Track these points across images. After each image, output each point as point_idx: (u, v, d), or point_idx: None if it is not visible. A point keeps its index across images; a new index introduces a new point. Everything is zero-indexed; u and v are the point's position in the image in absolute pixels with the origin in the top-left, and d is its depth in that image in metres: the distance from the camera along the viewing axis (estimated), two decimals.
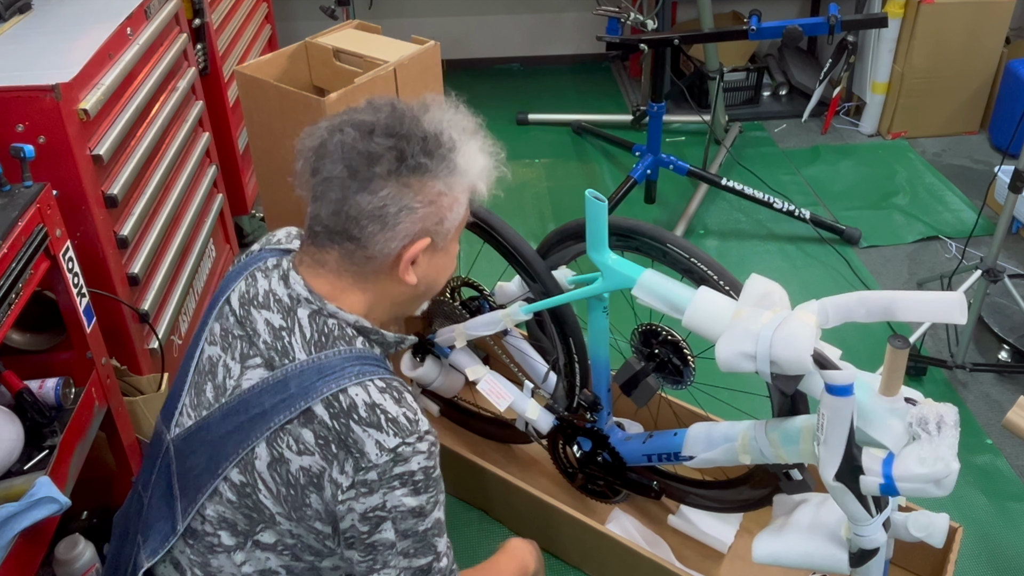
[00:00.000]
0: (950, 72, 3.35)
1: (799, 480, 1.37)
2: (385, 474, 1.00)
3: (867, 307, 1.16)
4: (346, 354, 1.04)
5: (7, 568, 1.22)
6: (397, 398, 1.04)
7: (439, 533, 1.08)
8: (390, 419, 1.01)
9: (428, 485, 1.04)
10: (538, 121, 3.66)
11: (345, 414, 1.00)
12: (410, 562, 1.05)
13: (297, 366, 1.03)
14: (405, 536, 1.03)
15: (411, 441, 1.01)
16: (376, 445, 1.00)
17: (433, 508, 1.06)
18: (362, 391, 1.02)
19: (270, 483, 1.03)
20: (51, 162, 1.48)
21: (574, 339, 1.61)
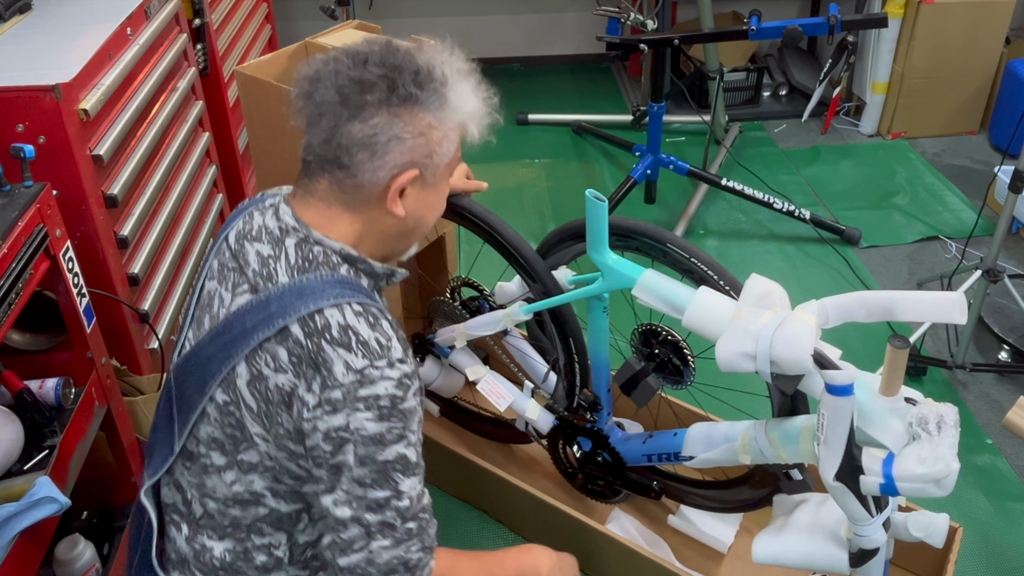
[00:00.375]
0: (950, 72, 3.35)
1: (799, 480, 1.37)
2: (349, 394, 1.01)
3: (867, 307, 1.16)
4: (327, 278, 1.06)
5: (7, 568, 1.22)
6: (372, 323, 1.04)
7: (405, 472, 1.04)
8: (361, 341, 1.02)
9: (393, 415, 1.02)
10: (538, 121, 3.66)
11: (318, 333, 1.02)
12: (365, 492, 1.03)
13: (279, 288, 1.06)
14: (363, 463, 1.02)
15: (380, 365, 1.02)
16: (344, 365, 1.01)
17: (397, 441, 1.03)
18: (338, 313, 1.03)
19: (250, 401, 1.06)
20: (51, 162, 1.48)
21: (574, 339, 1.61)
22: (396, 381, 1.03)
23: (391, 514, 1.04)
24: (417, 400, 1.07)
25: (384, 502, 1.03)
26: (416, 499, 1.07)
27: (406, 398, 1.04)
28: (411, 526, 1.05)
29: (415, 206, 1.12)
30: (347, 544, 1.04)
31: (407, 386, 1.04)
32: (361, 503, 1.03)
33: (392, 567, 1.04)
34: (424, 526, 1.08)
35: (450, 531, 1.84)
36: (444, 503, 1.91)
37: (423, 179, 1.10)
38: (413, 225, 1.15)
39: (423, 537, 1.07)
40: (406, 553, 1.05)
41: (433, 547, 1.10)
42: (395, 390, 1.02)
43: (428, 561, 1.08)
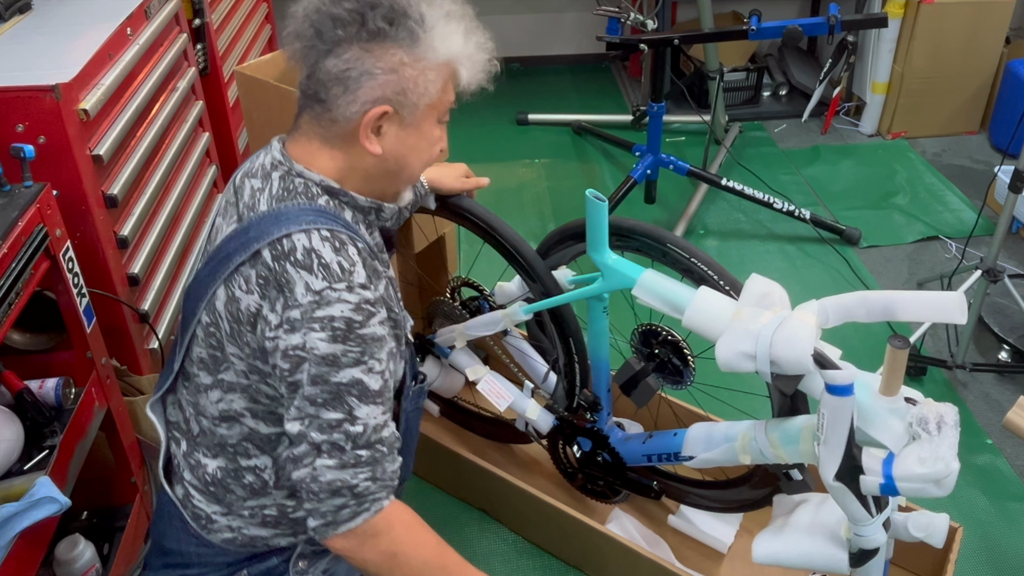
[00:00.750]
0: (950, 72, 3.35)
1: (799, 480, 1.37)
2: (307, 314, 1.02)
3: (867, 307, 1.16)
4: (304, 206, 1.09)
5: (7, 568, 1.22)
6: (337, 247, 1.06)
7: (362, 398, 1.05)
8: (322, 264, 1.04)
9: (349, 338, 1.03)
10: (538, 121, 3.66)
11: (285, 256, 1.05)
12: (318, 411, 1.04)
13: (259, 215, 1.10)
14: (315, 382, 1.03)
15: (338, 287, 1.03)
16: (304, 286, 1.03)
17: (353, 365, 1.04)
18: (305, 237, 1.06)
19: (226, 322, 1.10)
20: (51, 162, 1.48)
21: (574, 339, 1.61)
22: (353, 305, 1.04)
23: (340, 436, 1.04)
24: (384, 329, 1.08)
25: (336, 423, 1.04)
26: (373, 428, 1.06)
27: (366, 324, 1.05)
28: (362, 453, 1.05)
29: (394, 145, 1.12)
30: (297, 459, 1.06)
31: (368, 312, 1.05)
32: (313, 422, 1.04)
33: (335, 489, 1.05)
34: (379, 458, 1.07)
35: (450, 531, 1.84)
36: (444, 503, 1.91)
37: (400, 117, 1.10)
38: (395, 166, 1.14)
39: (376, 469, 1.07)
40: (352, 479, 1.05)
41: (390, 485, 1.09)
42: (352, 313, 1.03)
43: (380, 496, 1.07)
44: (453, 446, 1.83)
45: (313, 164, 1.12)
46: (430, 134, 1.16)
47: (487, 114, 3.69)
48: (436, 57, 1.09)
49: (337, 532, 1.06)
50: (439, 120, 1.16)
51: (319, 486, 1.04)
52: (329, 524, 1.06)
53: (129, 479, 1.70)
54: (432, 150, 1.18)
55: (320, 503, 1.05)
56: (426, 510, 1.52)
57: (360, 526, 1.06)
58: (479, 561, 1.77)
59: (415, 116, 1.11)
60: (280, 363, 1.05)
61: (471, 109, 1.25)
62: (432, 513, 1.84)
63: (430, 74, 1.09)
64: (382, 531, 1.07)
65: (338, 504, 1.05)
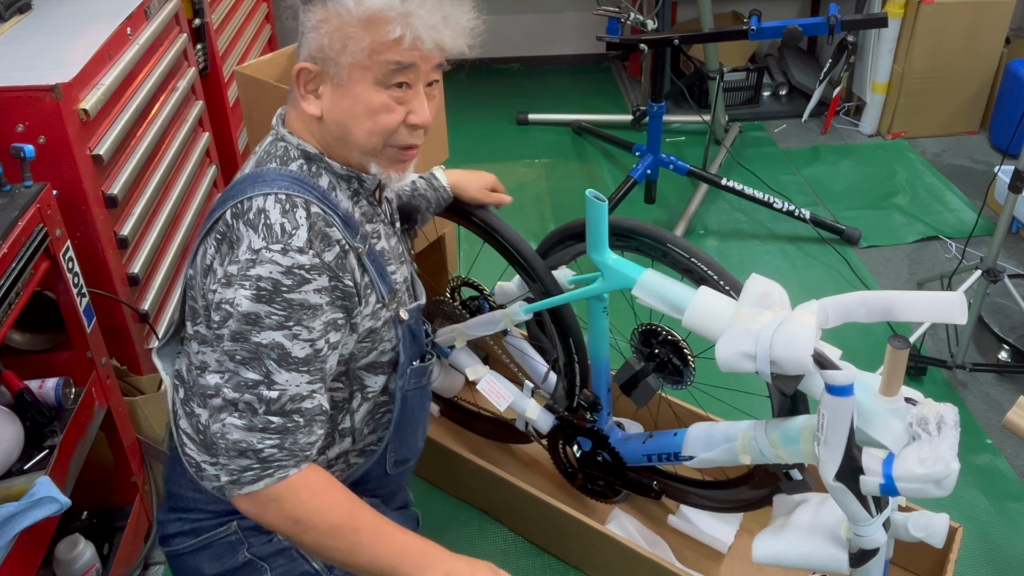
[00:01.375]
0: (950, 72, 3.35)
1: (799, 480, 1.37)
2: (241, 271, 1.04)
3: (867, 307, 1.16)
4: (276, 171, 1.11)
5: (7, 568, 1.22)
6: (285, 209, 1.06)
7: (281, 363, 1.04)
8: (267, 224, 1.05)
9: (274, 300, 1.03)
10: (538, 121, 3.66)
11: (241, 215, 1.07)
12: (237, 368, 1.04)
13: (242, 176, 1.13)
14: (235, 338, 1.04)
15: (274, 248, 1.03)
16: (248, 244, 1.04)
17: (276, 328, 1.03)
18: (262, 199, 1.07)
19: (198, 276, 1.13)
20: (51, 162, 1.48)
21: (574, 339, 1.61)
22: (284, 268, 1.03)
23: (252, 397, 1.04)
24: (320, 298, 1.06)
25: (252, 384, 1.05)
26: (291, 397, 1.06)
27: (295, 289, 1.03)
28: (274, 420, 1.05)
29: (330, 107, 1.10)
30: (214, 411, 1.07)
31: (300, 277, 1.04)
32: (232, 378, 1.05)
33: (241, 450, 1.05)
34: (292, 428, 1.06)
35: (450, 531, 1.84)
36: (444, 503, 1.91)
37: (329, 77, 1.08)
38: (337, 129, 1.11)
39: (286, 438, 1.06)
40: (258, 443, 1.05)
41: (300, 456, 1.07)
42: (280, 276, 1.03)
43: (286, 464, 1.06)
44: (453, 446, 1.83)
45: (295, 126, 1.15)
46: (366, 98, 1.08)
47: (487, 114, 3.69)
48: (351, 11, 1.04)
49: (240, 492, 1.06)
50: (379, 82, 1.08)
51: (226, 443, 1.05)
52: (233, 483, 1.06)
53: (129, 479, 1.70)
54: (377, 119, 1.09)
55: (228, 460, 1.06)
56: (426, 510, 1.53)
57: (262, 490, 1.06)
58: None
59: (342, 76, 1.07)
60: (213, 315, 1.07)
61: (471, 109, 1.24)
62: (432, 513, 1.85)
63: (349, 30, 1.04)
64: (284, 497, 1.06)
65: (243, 465, 1.05)
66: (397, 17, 1.04)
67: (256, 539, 1.22)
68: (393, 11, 1.04)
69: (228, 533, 1.22)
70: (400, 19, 1.04)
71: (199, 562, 1.24)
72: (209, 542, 1.23)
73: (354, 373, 1.24)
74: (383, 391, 1.30)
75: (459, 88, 3.51)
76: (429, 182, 1.57)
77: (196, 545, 1.23)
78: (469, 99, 3.74)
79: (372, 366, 1.25)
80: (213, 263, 1.09)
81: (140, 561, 1.71)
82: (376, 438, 1.33)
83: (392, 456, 1.35)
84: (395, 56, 1.06)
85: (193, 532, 1.23)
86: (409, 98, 1.10)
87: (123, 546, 1.64)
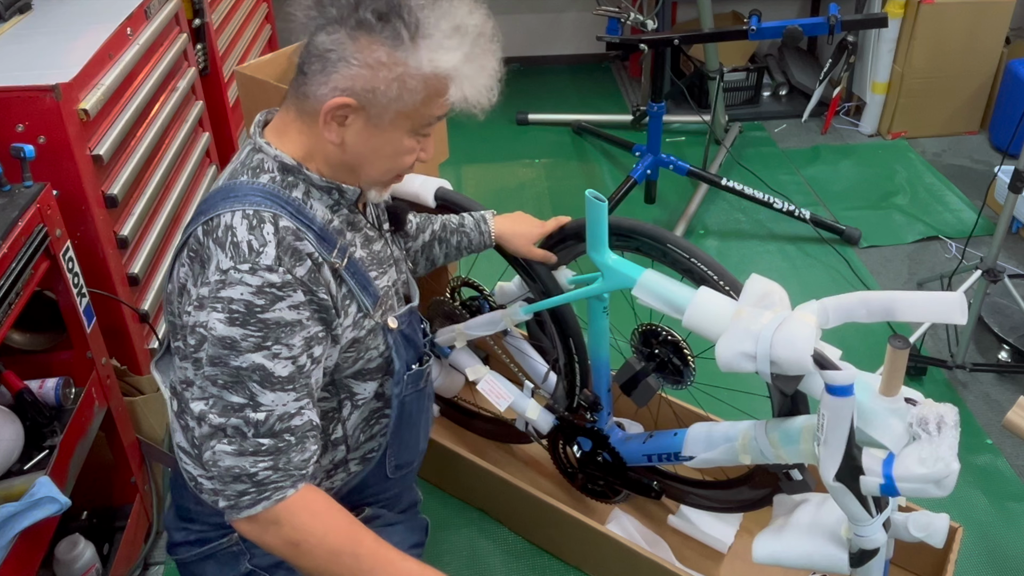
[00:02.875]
0: (950, 72, 3.35)
1: (799, 480, 1.37)
2: (212, 293, 1.01)
3: (867, 307, 1.16)
4: (247, 184, 1.07)
5: (7, 568, 1.22)
6: (252, 225, 1.03)
7: (264, 384, 1.03)
8: (234, 242, 1.02)
9: (249, 322, 1.01)
10: (538, 121, 3.66)
11: (211, 232, 1.04)
12: (220, 393, 1.03)
13: (215, 190, 1.10)
14: (214, 363, 1.02)
15: (242, 268, 1.01)
16: (216, 264, 1.02)
17: (254, 351, 1.01)
18: (230, 215, 1.04)
19: (175, 294, 1.11)
20: (51, 162, 1.48)
21: (574, 339, 1.61)
22: (255, 288, 1.00)
23: (239, 421, 1.03)
24: (296, 314, 1.04)
25: (238, 408, 1.03)
26: (279, 417, 1.04)
27: (269, 308, 1.01)
28: (264, 442, 1.03)
29: (355, 141, 1.08)
30: (200, 439, 1.05)
31: (272, 296, 1.01)
32: (216, 403, 1.03)
33: (236, 476, 1.03)
34: (284, 448, 1.05)
35: (450, 531, 1.84)
36: (444, 503, 1.91)
37: (366, 114, 1.06)
38: (353, 160, 1.11)
39: (279, 458, 1.04)
40: (251, 467, 1.03)
41: (296, 475, 1.06)
42: (252, 297, 1.00)
43: (283, 485, 1.05)
44: (453, 446, 1.83)
45: (282, 137, 1.11)
46: (398, 142, 1.10)
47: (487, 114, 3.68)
48: (421, 67, 1.03)
49: (239, 516, 1.05)
50: (414, 131, 1.10)
51: (219, 471, 1.03)
52: (232, 507, 1.05)
53: (129, 479, 1.70)
54: (399, 160, 1.12)
55: (224, 486, 1.04)
56: (426, 510, 1.53)
57: (260, 513, 1.04)
58: (478, 561, 1.77)
59: (383, 119, 1.07)
60: (188, 338, 1.04)
61: None
62: (432, 513, 1.85)
63: (410, 82, 1.04)
64: (282, 519, 1.05)
65: (239, 490, 1.04)
66: (458, 80, 1.07)
67: (258, 550, 1.21)
68: (457, 74, 1.06)
69: (231, 544, 1.22)
70: (460, 82, 1.07)
71: (204, 571, 1.24)
72: (213, 552, 1.22)
73: (341, 382, 1.21)
74: (376, 397, 1.27)
75: None
76: (478, 224, 1.54)
77: (201, 555, 1.23)
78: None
79: (359, 374, 1.23)
80: (187, 283, 1.07)
81: (140, 561, 1.71)
82: (375, 444, 1.32)
83: (392, 461, 1.33)
84: (438, 112, 1.10)
85: (198, 542, 1.23)
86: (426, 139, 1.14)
87: (123, 546, 1.64)
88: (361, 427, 1.28)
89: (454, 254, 1.54)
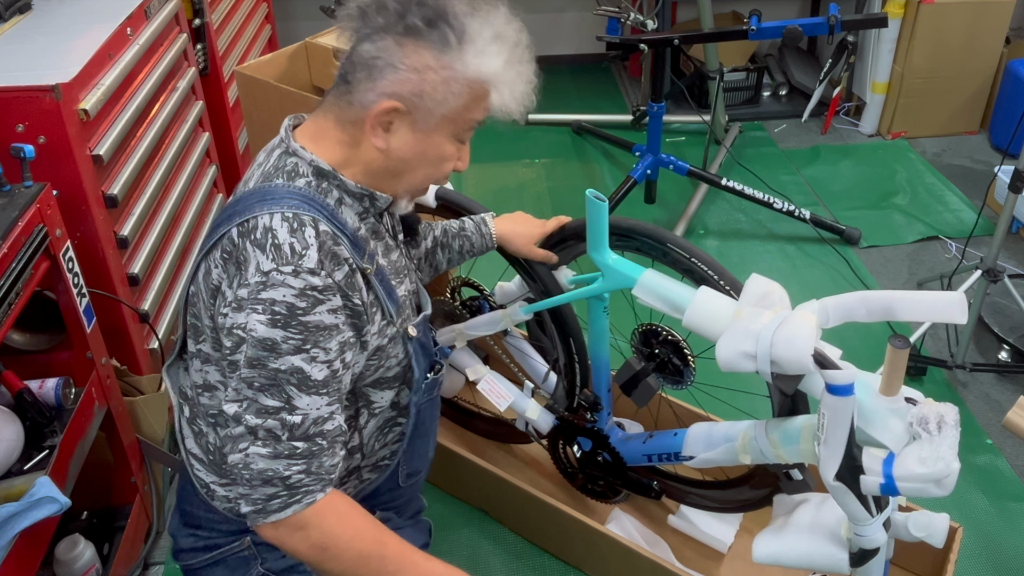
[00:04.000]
0: (950, 72, 3.35)
1: (799, 480, 1.37)
2: (252, 294, 1.01)
3: (867, 307, 1.16)
4: (283, 187, 1.08)
5: (7, 568, 1.22)
6: (294, 228, 1.03)
7: (302, 387, 1.03)
8: (275, 244, 1.02)
9: (290, 324, 1.01)
10: (538, 121, 3.65)
11: (247, 234, 1.04)
12: (256, 396, 1.02)
13: (247, 191, 1.10)
14: (252, 365, 1.02)
15: (285, 270, 1.01)
16: (256, 265, 1.02)
17: (293, 353, 1.02)
18: (268, 217, 1.04)
19: (203, 294, 1.10)
20: (51, 162, 1.48)
21: (574, 339, 1.61)
22: (297, 291, 1.01)
23: (275, 423, 1.02)
24: (336, 318, 1.05)
25: (273, 411, 1.03)
26: (313, 421, 1.04)
27: (311, 311, 1.02)
28: (299, 445, 1.03)
29: (401, 145, 1.09)
30: (233, 440, 1.04)
31: (314, 299, 1.02)
32: (251, 405, 1.03)
33: (267, 479, 1.03)
34: (316, 452, 1.05)
35: (450, 531, 1.84)
36: (445, 503, 1.91)
37: (412, 119, 1.07)
38: (397, 166, 1.11)
39: (311, 462, 1.04)
40: (285, 470, 1.03)
41: (327, 479, 1.06)
42: (294, 299, 1.01)
43: (314, 489, 1.05)
44: (453, 446, 1.83)
45: (319, 143, 1.11)
46: (440, 147, 1.12)
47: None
48: (466, 71, 1.06)
49: (267, 521, 1.04)
50: (455, 136, 1.12)
51: (251, 473, 1.03)
52: (259, 512, 1.04)
53: (129, 479, 1.70)
54: (440, 166, 1.14)
55: (252, 490, 1.03)
56: (427, 510, 1.53)
57: (289, 517, 1.04)
58: (479, 561, 1.77)
59: (428, 123, 1.08)
60: (225, 340, 1.05)
61: None
62: (433, 513, 1.85)
63: (455, 86, 1.06)
64: (311, 523, 1.05)
65: (269, 493, 1.03)
66: (499, 85, 1.09)
67: (270, 554, 1.21)
68: (500, 79, 1.08)
69: (241, 548, 1.21)
70: (500, 87, 1.09)
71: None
72: (223, 557, 1.22)
73: (360, 391, 1.21)
74: (392, 407, 1.27)
75: None
76: (479, 227, 1.55)
77: (210, 560, 1.22)
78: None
79: (378, 382, 1.23)
80: (221, 284, 1.06)
81: (140, 561, 1.71)
82: (388, 452, 1.32)
83: (404, 469, 1.33)
84: (480, 116, 1.12)
85: (206, 548, 1.22)
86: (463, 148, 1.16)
87: (123, 546, 1.64)
88: (376, 435, 1.28)
89: (456, 259, 1.55)
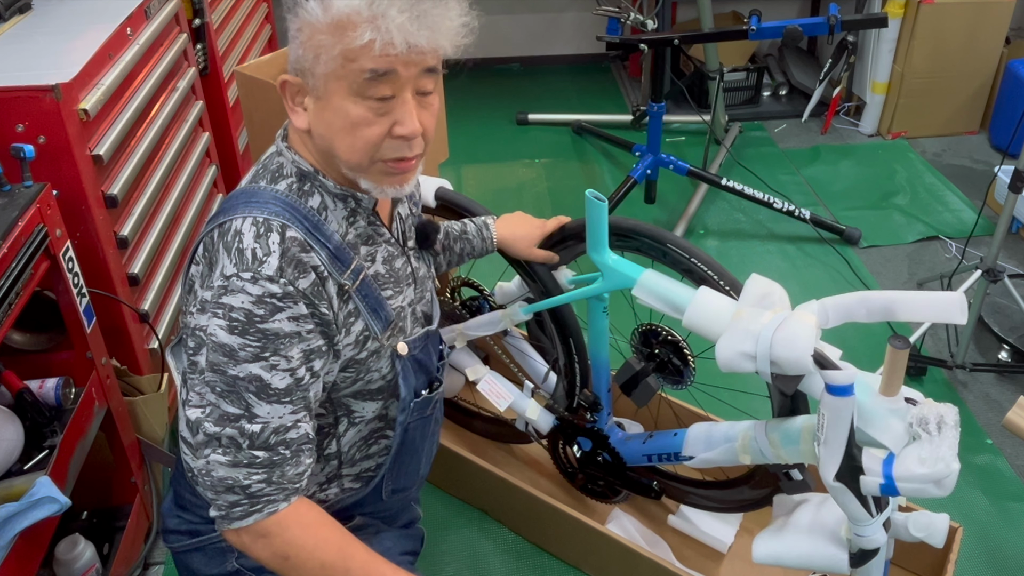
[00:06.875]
0: (950, 72, 3.35)
1: (799, 480, 1.37)
2: (214, 298, 1.00)
3: (867, 307, 1.16)
4: (264, 190, 1.07)
5: (7, 568, 1.22)
6: (259, 233, 1.01)
7: (260, 395, 1.01)
8: (239, 248, 1.01)
9: (248, 331, 0.99)
10: (538, 121, 3.66)
11: (223, 235, 1.03)
12: (218, 401, 1.01)
13: (237, 190, 1.10)
14: (213, 369, 1.01)
15: (244, 277, 0.99)
16: (221, 269, 1.01)
17: (252, 361, 1.00)
18: (240, 220, 1.03)
19: (186, 290, 1.11)
20: (51, 162, 1.48)
21: (574, 339, 1.61)
22: (255, 298, 0.99)
23: (234, 432, 1.01)
24: (296, 326, 1.02)
25: (233, 418, 1.01)
26: (274, 429, 1.03)
27: (269, 319, 1.00)
28: (259, 454, 1.02)
29: (315, 122, 1.05)
30: (194, 447, 1.04)
31: (272, 306, 1.00)
32: (213, 411, 1.02)
33: (228, 486, 1.02)
34: (279, 462, 1.03)
35: (450, 531, 1.84)
36: (444, 503, 1.91)
37: (310, 89, 1.03)
38: (323, 144, 1.06)
39: (273, 472, 1.03)
40: (245, 479, 1.02)
41: (290, 488, 1.05)
42: (252, 306, 0.99)
43: (276, 499, 1.04)
44: (453, 446, 1.83)
45: (304, 143, 1.10)
46: (344, 110, 1.01)
47: (487, 114, 3.68)
48: (324, 18, 0.98)
49: (231, 527, 1.04)
50: (356, 93, 1.01)
51: (212, 480, 1.02)
52: (223, 518, 1.04)
53: (129, 479, 1.70)
54: (359, 133, 1.03)
55: (216, 496, 1.03)
56: (426, 510, 1.53)
57: (251, 525, 1.03)
58: (479, 561, 1.77)
59: (319, 88, 1.02)
60: (188, 340, 1.04)
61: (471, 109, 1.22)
62: (432, 513, 1.85)
63: (320, 38, 0.99)
64: (273, 532, 1.04)
65: (231, 501, 1.03)
66: (366, 20, 0.96)
67: None
68: (361, 14, 0.97)
69: (219, 539, 1.20)
70: (369, 22, 0.96)
71: (193, 562, 1.24)
72: (202, 545, 1.22)
73: (339, 401, 1.19)
74: (378, 418, 1.25)
75: (459, 88, 3.51)
76: (480, 231, 1.53)
77: (191, 546, 1.23)
78: (469, 99, 3.74)
79: (359, 394, 1.20)
80: (195, 284, 1.06)
81: (140, 561, 1.71)
82: (373, 464, 1.29)
83: (389, 485, 1.31)
84: (368, 64, 0.98)
85: (189, 533, 1.23)
86: (393, 108, 1.02)
87: (123, 546, 1.64)
88: (358, 445, 1.26)
89: (456, 261, 1.55)
